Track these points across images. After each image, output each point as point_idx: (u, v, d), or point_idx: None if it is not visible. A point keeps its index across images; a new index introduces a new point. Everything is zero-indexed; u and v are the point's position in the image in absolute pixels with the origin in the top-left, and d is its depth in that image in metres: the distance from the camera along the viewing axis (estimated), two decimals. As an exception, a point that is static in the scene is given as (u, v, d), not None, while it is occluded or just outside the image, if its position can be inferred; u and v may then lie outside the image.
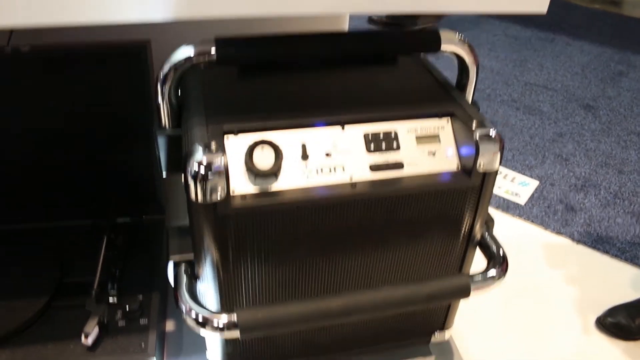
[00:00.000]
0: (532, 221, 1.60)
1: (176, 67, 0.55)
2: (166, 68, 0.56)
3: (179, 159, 0.55)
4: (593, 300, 1.34)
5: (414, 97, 0.60)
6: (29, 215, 0.85)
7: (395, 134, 0.56)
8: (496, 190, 1.71)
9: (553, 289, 1.40)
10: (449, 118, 0.58)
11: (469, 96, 0.64)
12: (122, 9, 0.47)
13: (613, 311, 1.30)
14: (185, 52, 0.55)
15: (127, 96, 0.77)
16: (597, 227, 1.59)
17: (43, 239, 0.83)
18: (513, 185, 1.75)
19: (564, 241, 1.54)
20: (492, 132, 0.55)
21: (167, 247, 0.59)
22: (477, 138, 0.55)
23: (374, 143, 0.56)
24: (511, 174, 1.80)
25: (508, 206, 1.65)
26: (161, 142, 0.59)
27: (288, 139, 0.54)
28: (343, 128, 0.56)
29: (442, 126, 0.58)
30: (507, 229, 1.56)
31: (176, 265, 0.59)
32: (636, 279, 1.44)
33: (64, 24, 0.46)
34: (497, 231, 0.63)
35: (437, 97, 0.60)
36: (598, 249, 1.52)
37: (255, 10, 0.48)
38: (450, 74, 0.64)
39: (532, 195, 1.70)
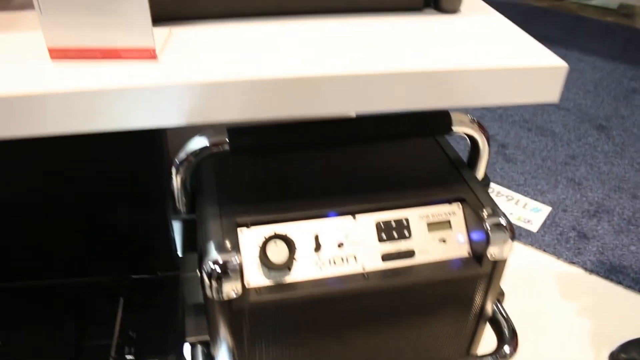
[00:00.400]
0: (545, 250, 1.60)
1: (191, 156, 0.57)
2: (182, 156, 0.57)
3: (194, 240, 0.56)
4: (606, 335, 1.34)
5: (424, 179, 0.60)
6: (45, 271, 0.87)
7: (407, 222, 0.57)
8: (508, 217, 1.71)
9: (565, 322, 1.40)
10: (459, 203, 0.59)
11: (481, 172, 0.65)
12: (138, 117, 0.48)
13: (627, 346, 1.29)
14: (199, 142, 0.56)
15: (145, 168, 0.79)
16: (611, 256, 1.58)
17: (61, 296, 0.85)
18: (525, 211, 1.75)
19: (576, 271, 1.54)
20: (503, 221, 0.56)
21: (183, 323, 0.61)
22: (488, 228, 0.56)
23: (386, 232, 0.56)
24: (523, 199, 1.80)
25: (520, 234, 1.64)
26: (176, 226, 0.60)
27: (301, 230, 0.55)
28: (355, 218, 0.56)
29: (454, 212, 0.58)
30: (519, 259, 1.56)
31: (193, 346, 0.60)
32: (651, 311, 1.43)
33: (86, 131, 0.48)
34: (509, 261, 0.62)
35: (448, 178, 0.61)
36: (611, 280, 1.51)
37: (265, 114, 0.49)
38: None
39: (544, 222, 1.70)
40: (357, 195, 0.58)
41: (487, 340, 0.66)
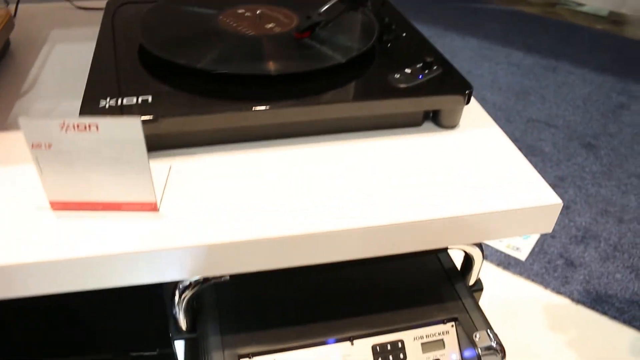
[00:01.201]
0: (533, 279, 1.63)
1: (193, 284, 0.58)
2: (185, 284, 0.58)
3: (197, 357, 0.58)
4: (591, 370, 1.37)
5: (420, 296, 0.62)
6: (49, 350, 0.88)
7: (402, 344, 0.59)
8: (497, 245, 1.74)
9: (552, 353, 1.43)
10: (453, 322, 0.60)
11: (473, 278, 0.67)
12: (139, 276, 0.49)
13: None
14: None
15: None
16: (597, 284, 1.62)
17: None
18: (514, 238, 1.78)
19: (563, 301, 1.57)
20: (494, 342, 0.58)
21: None
22: (480, 351, 0.57)
23: (382, 355, 0.58)
24: (512, 225, 1.81)
25: (509, 262, 1.67)
26: (178, 345, 0.61)
27: (300, 357, 0.57)
28: (352, 343, 0.58)
29: (447, 331, 0.60)
30: (508, 289, 1.59)
31: None
32: (635, 343, 1.47)
33: (90, 288, 0.49)
34: (496, 292, 0.65)
35: (443, 295, 0.63)
36: (597, 310, 1.55)
37: (267, 266, 0.51)
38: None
39: (533, 249, 1.73)
40: (355, 318, 0.59)
41: None
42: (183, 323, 0.61)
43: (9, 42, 0.76)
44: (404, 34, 0.71)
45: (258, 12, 0.69)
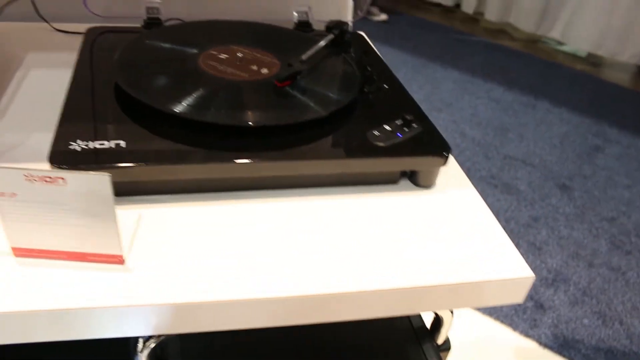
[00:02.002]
0: (502, 321, 1.63)
1: (157, 335, 0.56)
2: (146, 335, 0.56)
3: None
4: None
5: (386, 357, 0.61)
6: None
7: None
8: (469, 283, 1.74)
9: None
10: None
11: (442, 337, 0.66)
12: (102, 331, 0.47)
13: None
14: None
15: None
16: (564, 329, 1.62)
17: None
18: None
19: (531, 345, 1.57)
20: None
21: None
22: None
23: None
24: (484, 263, 1.82)
25: (479, 302, 1.67)
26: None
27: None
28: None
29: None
30: (477, 330, 1.59)
31: None
32: (598, 391, 1.48)
33: (51, 340, 0.47)
34: (466, 332, 0.64)
35: (409, 355, 0.62)
36: (564, 355, 1.55)
37: (235, 326, 0.49)
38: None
39: (504, 289, 1.73)
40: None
41: None
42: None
43: (-18, 65, 0.74)
44: (386, 86, 0.70)
45: (240, 54, 0.69)
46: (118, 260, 0.49)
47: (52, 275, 0.47)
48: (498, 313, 1.65)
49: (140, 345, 0.57)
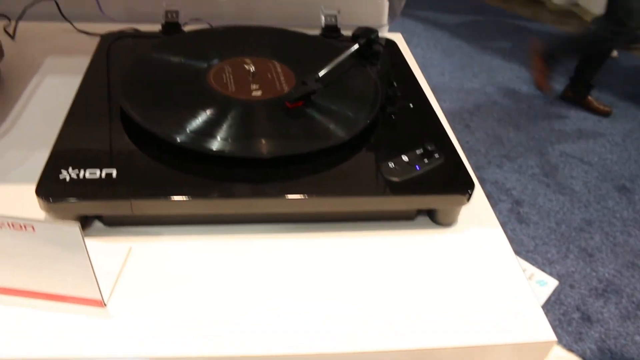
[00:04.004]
0: (545, 332, 1.54)
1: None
2: None
3: None
4: None
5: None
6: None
7: None
8: (512, 289, 1.66)
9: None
10: None
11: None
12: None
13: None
14: None
15: None
16: (613, 345, 1.53)
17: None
18: (530, 284, 1.69)
19: (574, 360, 1.49)
20: None
21: None
22: None
23: None
24: (530, 269, 1.73)
25: (522, 310, 1.59)
26: None
27: None
28: None
29: None
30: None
31: None
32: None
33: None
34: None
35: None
36: (609, 373, 1.47)
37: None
38: None
39: (549, 298, 1.65)
40: None
41: None
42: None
43: (-1, 70, 0.73)
44: (411, 105, 0.64)
45: (253, 68, 0.64)
46: (98, 303, 0.46)
47: (28, 317, 0.45)
48: (541, 324, 1.56)
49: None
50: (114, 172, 0.51)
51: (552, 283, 1.71)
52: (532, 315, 0.49)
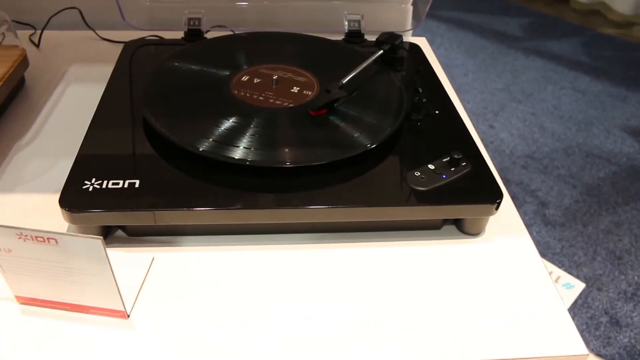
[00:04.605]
0: (572, 336, 1.52)
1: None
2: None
3: None
4: None
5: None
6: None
7: None
8: (538, 293, 1.63)
9: None
10: None
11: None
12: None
13: None
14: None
15: None
16: (643, 351, 1.49)
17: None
18: (557, 287, 1.66)
19: (603, 365, 1.46)
20: None
21: None
22: None
23: None
24: (556, 272, 1.71)
25: (548, 314, 1.56)
26: None
27: None
28: None
29: None
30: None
31: None
32: None
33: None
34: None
35: None
36: (639, 379, 1.43)
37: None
38: None
39: (576, 301, 1.62)
40: None
41: None
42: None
43: (23, 79, 0.73)
44: (437, 112, 0.63)
45: (276, 76, 0.63)
46: (121, 315, 0.45)
47: (53, 327, 0.45)
48: (568, 328, 1.53)
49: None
50: (137, 182, 0.51)
51: (579, 286, 1.68)
52: (563, 328, 0.47)
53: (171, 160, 0.53)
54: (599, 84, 2.62)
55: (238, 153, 0.52)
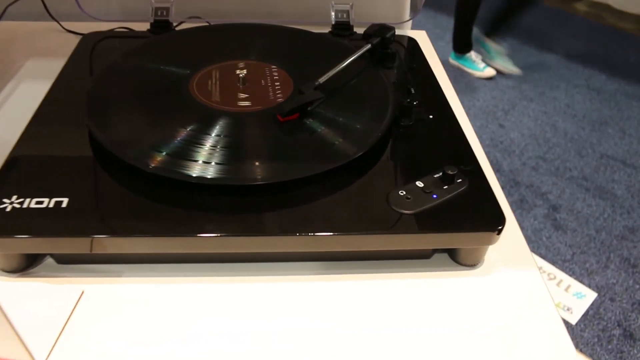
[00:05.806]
0: (581, 350, 1.43)
1: None
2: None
3: None
4: None
5: None
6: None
7: None
8: (547, 303, 1.55)
9: None
10: None
11: None
12: None
13: None
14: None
15: None
16: (658, 367, 1.41)
17: None
18: (566, 296, 1.58)
19: (615, 383, 1.38)
20: None
21: None
22: None
23: None
24: (567, 280, 1.62)
25: (557, 326, 1.48)
26: None
27: None
28: None
29: None
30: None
31: None
32: None
33: None
34: None
35: None
36: (654, 398, 1.35)
37: None
38: None
39: (587, 312, 1.53)
40: None
41: None
42: None
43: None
44: (431, 116, 0.54)
45: (243, 74, 0.55)
46: (34, 367, 0.37)
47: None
48: (578, 339, 1.45)
49: None
50: (65, 201, 0.42)
51: (590, 295, 1.58)
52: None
53: (116, 176, 0.45)
54: (614, 82, 2.52)
55: (188, 168, 0.44)
